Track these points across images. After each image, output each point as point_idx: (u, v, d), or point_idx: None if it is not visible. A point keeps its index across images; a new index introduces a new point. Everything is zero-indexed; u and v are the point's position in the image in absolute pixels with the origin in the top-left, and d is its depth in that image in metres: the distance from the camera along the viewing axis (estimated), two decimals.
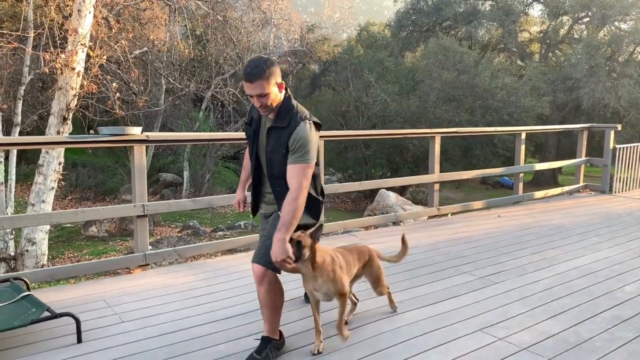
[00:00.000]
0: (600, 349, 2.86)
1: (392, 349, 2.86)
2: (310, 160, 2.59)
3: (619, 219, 6.29)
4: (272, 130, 2.66)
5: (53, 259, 11.35)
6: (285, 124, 2.61)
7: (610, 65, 20.30)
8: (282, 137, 2.60)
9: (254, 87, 2.52)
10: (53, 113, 9.40)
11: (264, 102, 2.56)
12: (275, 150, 2.63)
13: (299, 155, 2.57)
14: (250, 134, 2.80)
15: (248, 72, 2.52)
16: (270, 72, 2.53)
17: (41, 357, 2.71)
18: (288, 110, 2.64)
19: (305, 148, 2.58)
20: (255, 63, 2.53)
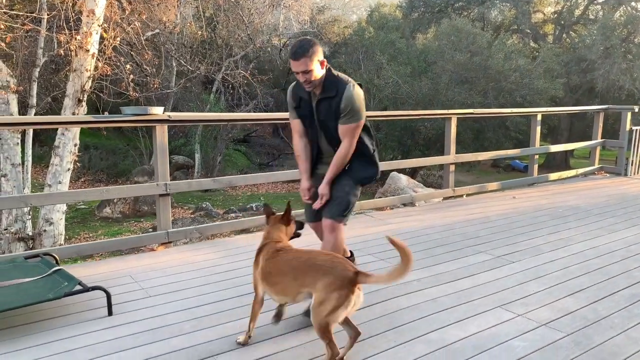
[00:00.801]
0: (619, 326, 2.91)
1: (412, 324, 2.93)
2: (359, 119, 2.93)
3: (635, 201, 6.29)
4: (322, 101, 2.94)
5: (69, 239, 11.53)
6: (333, 93, 2.90)
7: (626, 47, 19.99)
8: (333, 104, 2.90)
9: (299, 65, 2.80)
10: (68, 95, 9.48)
11: (308, 78, 2.83)
12: (328, 118, 2.94)
13: (349, 117, 2.90)
14: (305, 113, 3.05)
15: (294, 51, 2.82)
16: (313, 51, 2.80)
17: (75, 328, 2.81)
18: (332, 81, 2.92)
19: (355, 109, 2.90)
20: (300, 43, 2.83)
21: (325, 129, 3.01)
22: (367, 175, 3.09)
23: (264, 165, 23.53)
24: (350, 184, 3.04)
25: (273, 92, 24.95)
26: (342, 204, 2.98)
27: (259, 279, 2.69)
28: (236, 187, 18.28)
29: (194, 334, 2.77)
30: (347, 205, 3.00)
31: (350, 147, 2.95)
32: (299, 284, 2.50)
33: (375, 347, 2.64)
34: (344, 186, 3.02)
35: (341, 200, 2.98)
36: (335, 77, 2.93)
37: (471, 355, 2.56)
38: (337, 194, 3.01)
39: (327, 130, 3.01)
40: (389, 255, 4.04)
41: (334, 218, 2.97)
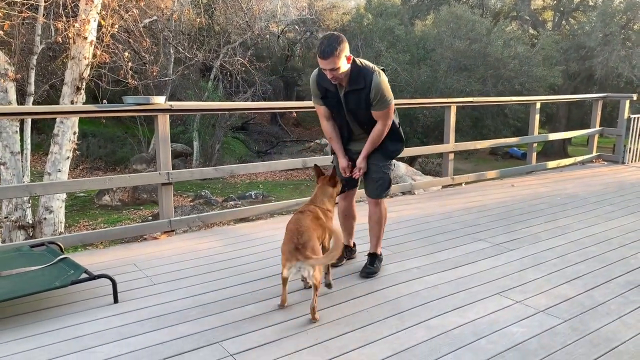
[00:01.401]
0: (615, 312, 2.97)
1: (413, 310, 2.98)
2: (390, 103, 3.23)
3: (633, 189, 6.35)
4: (351, 93, 3.18)
5: (69, 228, 11.58)
6: (362, 85, 3.12)
7: (625, 34, 19.95)
8: (362, 95, 3.15)
9: (327, 63, 2.98)
10: (66, 83, 9.45)
11: (335, 74, 3.04)
12: (357, 108, 3.23)
13: (381, 103, 3.18)
14: (333, 103, 3.29)
15: (322, 50, 2.97)
16: (340, 49, 2.97)
17: (82, 315, 2.86)
18: (358, 72, 3.12)
19: (384, 96, 3.17)
20: (328, 42, 2.97)
21: (355, 116, 3.29)
22: (395, 149, 3.46)
23: (262, 153, 23.53)
24: (385, 163, 3.44)
25: (271, 80, 24.87)
26: (384, 185, 3.47)
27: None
28: (235, 175, 18.33)
29: (200, 321, 2.82)
30: (388, 184, 3.50)
31: (385, 127, 3.28)
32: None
33: (377, 333, 2.69)
34: (381, 167, 3.43)
35: (382, 182, 3.45)
36: (361, 67, 3.12)
37: (471, 341, 2.62)
38: (377, 176, 3.43)
39: (356, 117, 3.30)
40: (390, 242, 4.09)
41: (379, 198, 3.49)
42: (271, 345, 2.57)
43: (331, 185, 3.33)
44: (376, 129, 3.28)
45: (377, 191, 3.48)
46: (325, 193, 3.30)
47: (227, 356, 2.47)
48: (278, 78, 27.08)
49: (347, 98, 3.21)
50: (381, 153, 3.41)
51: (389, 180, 3.49)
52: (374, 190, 3.48)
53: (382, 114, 3.22)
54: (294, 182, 18.45)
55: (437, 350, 2.53)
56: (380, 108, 3.20)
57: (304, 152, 23.73)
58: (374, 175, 3.44)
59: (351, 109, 3.25)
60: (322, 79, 3.19)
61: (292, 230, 2.89)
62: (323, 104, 3.34)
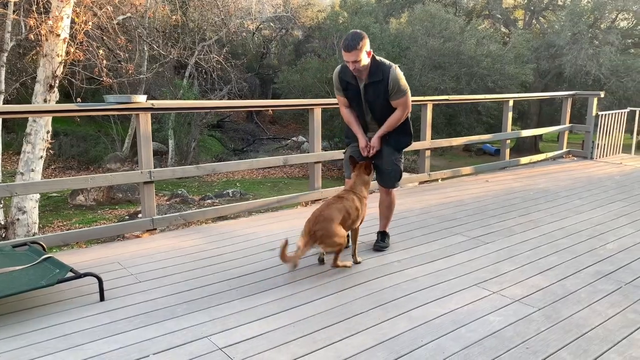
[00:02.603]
0: (585, 300, 3.13)
1: (395, 302, 3.08)
2: (406, 92, 3.63)
3: (600, 183, 6.60)
4: (370, 85, 3.58)
5: (43, 228, 11.38)
6: (380, 77, 3.53)
7: (593, 33, 20.53)
8: (381, 87, 3.56)
9: (350, 56, 3.40)
10: (39, 81, 9.29)
11: (357, 66, 3.45)
12: (376, 99, 3.62)
13: (398, 93, 3.59)
14: (353, 96, 3.69)
15: (346, 44, 3.39)
16: (362, 44, 3.39)
17: (69, 314, 2.87)
18: (377, 67, 3.53)
19: (400, 87, 3.58)
20: (351, 37, 3.40)
21: (373, 107, 3.67)
22: (405, 142, 3.83)
23: (238, 151, 23.45)
24: (395, 155, 3.81)
25: (247, 77, 24.79)
26: (396, 176, 3.86)
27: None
28: (215, 173, 18.25)
29: (187, 317, 2.86)
30: (399, 175, 3.88)
31: (403, 114, 3.67)
32: None
33: (361, 324, 2.78)
34: (393, 160, 3.80)
35: (395, 174, 3.84)
36: (379, 63, 3.54)
37: (451, 330, 2.73)
38: (389, 167, 3.80)
39: (374, 109, 3.68)
40: (371, 238, 4.19)
41: (392, 187, 3.92)
42: (259, 339, 2.63)
43: (367, 173, 3.68)
44: (395, 114, 3.66)
45: (391, 181, 3.88)
46: (363, 181, 3.67)
47: (215, 350, 2.52)
48: (254, 75, 27.00)
49: (366, 90, 3.60)
50: (392, 146, 3.78)
51: (400, 171, 3.88)
52: (387, 181, 3.88)
53: (400, 101, 3.62)
54: (271, 179, 18.46)
55: (420, 339, 2.64)
56: (398, 97, 3.59)
57: (280, 149, 23.74)
58: (386, 166, 3.81)
59: (369, 100, 3.62)
60: (344, 74, 3.65)
61: (316, 215, 3.38)
62: (344, 96, 3.76)
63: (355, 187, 3.65)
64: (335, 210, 3.43)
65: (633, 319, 2.87)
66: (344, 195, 3.58)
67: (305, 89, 19.24)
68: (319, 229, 3.31)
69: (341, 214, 3.43)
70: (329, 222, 3.35)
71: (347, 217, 3.48)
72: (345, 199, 3.54)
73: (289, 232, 4.44)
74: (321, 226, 3.32)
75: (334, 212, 3.41)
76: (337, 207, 3.45)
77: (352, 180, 3.69)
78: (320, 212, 3.41)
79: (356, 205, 3.55)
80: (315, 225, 3.32)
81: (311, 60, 21.11)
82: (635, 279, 3.45)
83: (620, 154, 9.02)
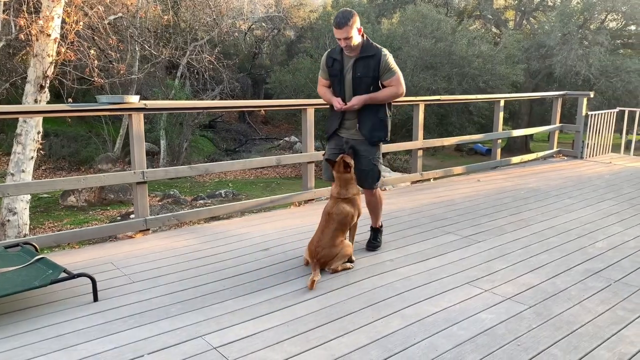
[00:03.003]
0: (575, 297, 3.17)
1: (388, 301, 3.11)
2: (397, 72, 3.65)
3: (590, 182, 6.67)
4: (360, 60, 3.59)
5: (34, 229, 11.30)
6: (372, 53, 3.58)
7: (582, 33, 20.69)
8: (371, 63, 3.58)
9: (341, 32, 3.46)
10: (29, 81, 9.23)
11: (348, 43, 3.50)
12: (366, 74, 3.60)
13: (389, 71, 3.62)
14: (336, 72, 3.70)
15: (337, 21, 3.46)
16: (353, 21, 3.45)
17: (63, 314, 2.87)
18: (369, 45, 3.61)
19: (391, 65, 3.62)
20: (342, 14, 3.48)
21: (359, 84, 3.63)
22: (378, 136, 3.74)
23: (230, 152, 23.40)
24: (373, 155, 3.76)
25: (239, 77, 24.74)
26: (374, 176, 3.80)
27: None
28: (209, 173, 18.21)
29: (181, 316, 2.87)
30: (377, 175, 3.83)
31: (397, 91, 3.66)
32: None
33: (354, 323, 2.81)
34: (370, 160, 3.75)
35: (373, 174, 3.79)
36: (372, 43, 3.62)
37: (443, 328, 2.76)
38: (366, 167, 3.75)
39: (360, 85, 3.63)
40: (364, 237, 4.22)
41: (372, 188, 3.86)
42: (253, 338, 2.65)
43: (347, 170, 3.62)
44: (390, 88, 3.64)
45: (370, 182, 3.83)
46: (345, 180, 3.62)
47: (210, 349, 2.53)
48: (246, 75, 26.96)
49: (356, 65, 3.60)
50: (367, 142, 3.73)
51: (378, 171, 3.84)
52: (366, 181, 3.82)
53: (394, 79, 3.63)
54: (264, 179, 18.44)
55: (412, 337, 2.66)
56: (390, 75, 3.61)
57: (273, 150, 23.72)
58: (364, 167, 3.76)
59: (359, 75, 3.60)
60: (333, 52, 3.73)
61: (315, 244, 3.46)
62: (326, 78, 3.81)
63: (340, 192, 3.61)
64: (329, 232, 3.47)
65: (622, 316, 2.92)
66: (332, 210, 3.54)
67: (297, 89, 19.23)
68: (322, 257, 3.43)
69: (337, 231, 3.49)
70: (329, 249, 3.45)
71: (345, 227, 3.56)
72: (334, 213, 3.52)
73: (282, 233, 4.47)
74: (323, 254, 3.43)
75: (329, 235, 3.46)
76: (331, 229, 3.48)
77: (336, 184, 3.66)
78: (318, 241, 3.47)
79: (347, 212, 3.55)
80: (318, 255, 3.42)
81: (303, 61, 21.09)
82: (624, 276, 3.50)
83: (610, 153, 9.11)
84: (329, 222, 3.51)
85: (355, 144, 3.76)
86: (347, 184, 3.63)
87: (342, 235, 3.55)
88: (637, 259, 3.85)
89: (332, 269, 3.50)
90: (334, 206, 3.56)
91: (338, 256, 3.49)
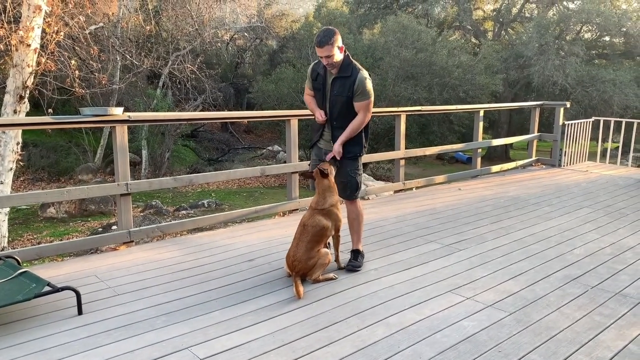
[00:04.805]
0: (554, 304, 3.25)
1: (372, 309, 3.16)
2: (370, 97, 3.69)
3: (568, 190, 6.83)
4: (337, 79, 3.69)
5: (12, 242, 11.11)
6: (348, 73, 3.65)
7: (559, 44, 21.17)
8: (347, 84, 3.65)
9: (323, 51, 3.52)
10: (8, 91, 9.12)
11: (330, 61, 3.57)
12: (341, 94, 3.68)
13: (362, 95, 3.65)
14: (319, 86, 3.79)
15: (319, 40, 3.52)
16: (334, 40, 3.52)
17: (46, 328, 2.85)
18: (348, 65, 3.67)
19: (366, 89, 3.65)
20: (323, 33, 3.55)
21: (335, 102, 3.72)
22: (353, 151, 3.80)
23: (213, 161, 23.31)
24: (352, 167, 3.82)
25: (221, 86, 24.71)
26: (352, 187, 3.86)
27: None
28: (193, 184, 18.10)
29: (167, 328, 2.88)
30: (356, 187, 3.88)
31: (364, 119, 3.72)
32: None
33: (339, 332, 2.84)
34: (349, 172, 3.82)
35: (352, 185, 3.85)
36: (351, 62, 3.68)
37: (427, 335, 2.81)
38: (344, 179, 3.81)
39: (335, 104, 3.72)
40: (348, 247, 4.26)
41: (351, 199, 3.91)
42: (239, 349, 2.67)
43: (324, 177, 3.64)
44: (356, 120, 3.70)
45: (348, 192, 3.88)
46: (324, 188, 3.65)
47: None
48: (228, 85, 26.93)
49: (334, 83, 3.69)
50: (345, 157, 3.78)
51: (357, 183, 3.87)
52: (344, 192, 3.87)
53: (362, 105, 3.67)
54: (247, 189, 18.40)
55: (397, 345, 2.71)
56: (362, 99, 3.65)
57: (256, 159, 23.70)
58: (342, 179, 3.82)
59: (336, 93, 3.69)
60: (317, 66, 3.79)
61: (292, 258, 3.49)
62: (311, 88, 3.87)
63: (318, 201, 3.62)
64: (304, 245, 3.47)
65: (599, 321, 3.00)
66: (307, 222, 3.55)
67: (280, 99, 19.28)
68: (300, 270, 3.45)
69: (312, 243, 3.48)
70: (306, 261, 3.46)
71: (320, 238, 3.54)
72: (310, 225, 3.53)
73: (267, 243, 4.49)
74: (301, 267, 3.45)
75: (304, 248, 3.47)
76: (305, 241, 3.48)
77: (315, 193, 3.69)
78: (294, 253, 3.49)
79: (322, 225, 3.53)
80: (296, 268, 3.45)
81: (286, 70, 21.18)
82: (600, 282, 3.61)
83: (587, 161, 9.33)
84: (303, 233, 3.52)
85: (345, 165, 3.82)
86: (326, 192, 3.64)
87: (318, 245, 3.53)
88: (612, 265, 3.96)
89: (312, 279, 3.52)
90: (310, 218, 3.57)
91: (316, 266, 3.50)
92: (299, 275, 3.42)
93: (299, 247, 3.48)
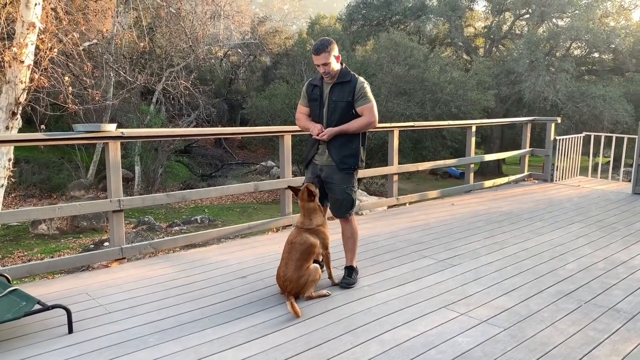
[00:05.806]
0: (547, 319, 3.25)
1: (366, 326, 3.14)
2: (371, 101, 3.72)
3: (560, 205, 6.87)
4: (337, 85, 3.69)
5: (2, 259, 10.99)
6: (348, 79, 3.69)
7: (549, 60, 21.45)
8: (347, 88, 3.68)
9: (320, 58, 3.58)
10: (1, 108, 9.08)
11: (327, 70, 3.62)
12: (341, 99, 3.69)
13: (363, 99, 3.69)
14: (316, 96, 3.79)
15: (316, 47, 3.60)
16: (331, 48, 3.58)
17: (36, 347, 2.81)
18: (347, 72, 3.72)
19: (367, 93, 3.70)
20: (320, 42, 3.61)
21: (335, 108, 3.70)
22: (349, 163, 3.74)
23: (206, 177, 23.26)
24: (347, 184, 3.77)
25: (215, 102, 24.78)
26: (347, 205, 3.81)
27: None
28: (186, 200, 18.05)
29: (159, 347, 2.84)
30: (351, 204, 3.83)
31: (369, 121, 3.70)
32: None
33: (333, 350, 2.82)
34: (344, 189, 3.77)
35: (346, 203, 3.80)
36: (349, 71, 3.73)
37: (421, 352, 2.80)
38: (339, 196, 3.78)
39: (335, 110, 3.70)
40: (341, 263, 4.25)
41: (344, 216, 3.85)
42: None
43: (310, 200, 3.60)
44: (361, 119, 3.69)
45: (341, 211, 3.84)
46: (309, 210, 3.61)
47: None
48: (222, 101, 27.02)
49: (332, 90, 3.70)
50: (339, 170, 3.73)
51: (352, 200, 3.83)
52: (339, 210, 3.84)
53: (366, 108, 3.68)
54: (240, 204, 18.35)
55: None
56: (364, 103, 3.67)
57: (249, 174, 23.67)
58: (337, 196, 3.79)
59: (335, 99, 3.69)
60: (314, 79, 3.83)
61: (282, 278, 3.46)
62: (307, 104, 3.87)
63: (304, 222, 3.59)
64: (293, 264, 3.44)
65: (593, 337, 3.00)
66: (295, 239, 3.52)
67: (274, 115, 19.35)
68: (292, 289, 3.42)
69: (300, 261, 3.45)
70: (297, 280, 3.43)
71: (308, 255, 3.51)
72: (297, 243, 3.50)
73: (260, 259, 4.47)
74: (292, 286, 3.43)
75: (293, 266, 3.44)
76: (294, 259, 3.45)
77: (300, 213, 3.65)
78: (284, 273, 3.46)
79: (310, 242, 3.50)
80: (287, 288, 3.43)
81: (279, 86, 21.28)
82: (594, 297, 3.61)
83: (578, 176, 9.41)
84: (291, 252, 3.48)
85: (329, 171, 3.77)
86: (311, 214, 3.60)
87: (307, 263, 3.49)
88: (605, 280, 3.97)
89: (306, 297, 3.49)
90: (297, 236, 3.53)
91: (308, 283, 3.47)
92: (292, 294, 3.39)
93: (289, 267, 3.44)
